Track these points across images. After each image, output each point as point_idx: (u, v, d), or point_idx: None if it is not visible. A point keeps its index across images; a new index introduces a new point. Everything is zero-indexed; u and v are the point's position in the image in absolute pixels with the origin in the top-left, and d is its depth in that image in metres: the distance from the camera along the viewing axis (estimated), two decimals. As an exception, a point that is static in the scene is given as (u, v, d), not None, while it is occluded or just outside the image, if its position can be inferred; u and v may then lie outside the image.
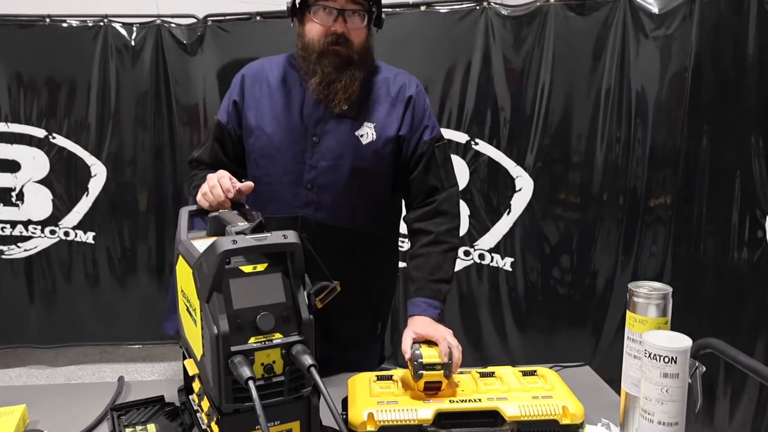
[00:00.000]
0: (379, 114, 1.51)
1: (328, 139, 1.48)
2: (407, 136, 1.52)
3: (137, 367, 3.47)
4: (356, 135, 1.49)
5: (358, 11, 1.44)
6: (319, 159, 1.48)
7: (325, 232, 1.49)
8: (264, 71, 1.56)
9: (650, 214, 2.53)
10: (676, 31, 2.40)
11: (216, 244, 0.89)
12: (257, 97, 1.53)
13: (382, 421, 1.11)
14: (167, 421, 1.19)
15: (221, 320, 0.88)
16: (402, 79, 1.56)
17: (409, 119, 1.52)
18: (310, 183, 1.49)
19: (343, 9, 1.42)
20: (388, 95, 1.53)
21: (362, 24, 1.46)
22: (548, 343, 2.79)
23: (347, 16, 1.43)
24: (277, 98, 1.52)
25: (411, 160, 1.53)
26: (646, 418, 0.97)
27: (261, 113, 1.52)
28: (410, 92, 1.53)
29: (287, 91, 1.52)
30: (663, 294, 1.02)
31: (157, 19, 3.11)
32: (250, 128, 1.53)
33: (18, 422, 1.16)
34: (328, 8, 1.42)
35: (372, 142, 1.49)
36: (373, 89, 1.53)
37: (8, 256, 3.27)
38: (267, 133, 1.50)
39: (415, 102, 1.53)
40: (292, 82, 1.53)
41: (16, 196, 3.22)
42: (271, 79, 1.55)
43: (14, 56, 3.10)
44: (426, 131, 1.54)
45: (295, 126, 1.50)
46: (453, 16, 2.73)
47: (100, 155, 3.21)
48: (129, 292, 3.35)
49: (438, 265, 1.49)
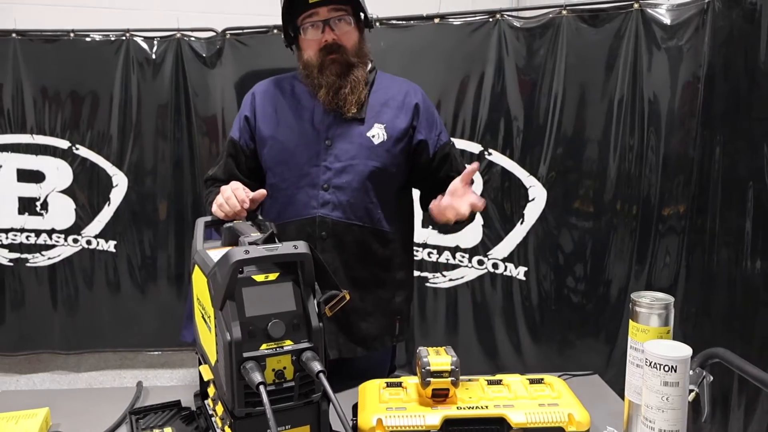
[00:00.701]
0: (387, 116, 1.58)
1: (340, 141, 1.55)
2: (426, 140, 1.61)
3: (156, 373, 3.51)
4: (368, 136, 1.56)
5: (342, 17, 1.52)
6: (333, 160, 1.55)
7: (342, 230, 1.55)
8: (273, 87, 1.64)
9: (664, 223, 2.52)
10: (689, 41, 2.41)
11: (229, 254, 0.92)
12: (269, 110, 1.61)
13: (390, 427, 1.13)
14: (183, 425, 1.23)
15: (234, 327, 0.91)
16: (405, 87, 1.64)
17: (423, 125, 1.61)
18: (326, 183, 1.55)
19: (327, 18, 1.51)
20: (395, 99, 1.60)
21: (350, 27, 1.54)
22: (562, 353, 2.79)
23: (333, 24, 1.51)
24: (288, 109, 1.59)
25: (434, 161, 1.62)
26: (647, 425, 0.99)
27: (273, 123, 1.59)
28: (416, 100, 1.61)
29: (297, 101, 1.60)
30: (665, 304, 1.04)
31: (177, 33, 3.17)
32: (263, 139, 1.59)
33: (41, 424, 1.20)
34: (314, 23, 1.51)
35: (383, 142, 1.56)
36: (379, 94, 1.61)
37: (32, 264, 3.33)
38: (281, 141, 1.57)
39: (423, 109, 1.61)
40: (301, 93, 1.60)
41: (41, 205, 3.28)
42: (280, 92, 1.62)
43: (39, 70, 3.17)
44: (442, 134, 1.64)
45: (307, 132, 1.57)
46: (466, 29, 2.76)
47: (122, 166, 3.26)
48: (149, 300, 3.39)
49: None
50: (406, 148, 1.60)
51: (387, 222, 1.61)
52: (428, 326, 2.99)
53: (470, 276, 2.90)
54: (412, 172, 1.65)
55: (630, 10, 2.49)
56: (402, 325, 1.71)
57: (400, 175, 1.63)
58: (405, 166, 1.63)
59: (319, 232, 1.54)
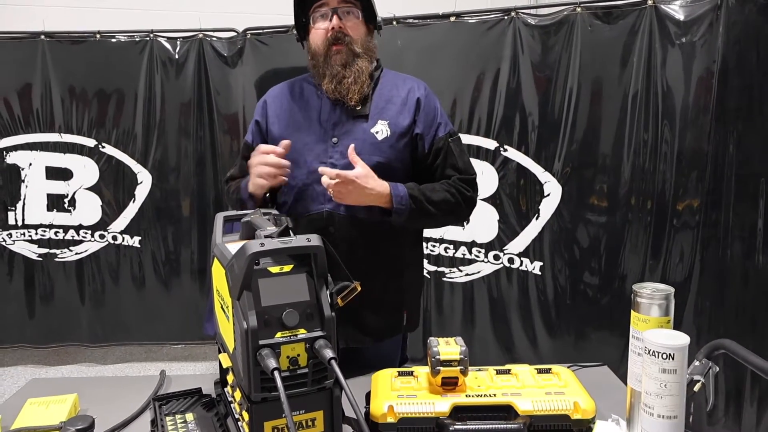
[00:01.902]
0: (390, 112, 1.62)
1: (346, 139, 1.59)
2: (422, 134, 1.63)
3: (180, 366, 3.58)
4: (372, 132, 1.60)
5: (350, 9, 1.59)
6: (339, 157, 1.59)
7: (349, 225, 1.59)
8: (282, 91, 1.72)
9: (678, 218, 2.53)
10: (702, 37, 2.41)
11: (246, 246, 0.95)
12: (278, 113, 1.68)
13: (401, 413, 1.16)
14: (204, 411, 1.27)
15: (251, 316, 0.94)
16: (410, 83, 1.68)
17: (422, 119, 1.64)
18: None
19: (336, 8, 1.57)
20: (399, 96, 1.65)
21: (357, 20, 1.60)
22: (577, 346, 2.80)
23: (341, 13, 1.57)
24: (296, 110, 1.66)
25: (429, 155, 1.64)
26: (646, 411, 1.02)
27: (283, 125, 1.66)
28: (418, 95, 1.65)
29: (305, 102, 1.66)
30: (665, 294, 1.07)
31: (199, 33, 3.23)
32: (274, 140, 1.64)
33: (70, 409, 1.26)
34: (324, 12, 1.58)
35: (387, 138, 1.60)
36: (384, 91, 1.65)
37: (61, 259, 3.43)
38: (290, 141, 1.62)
39: (424, 103, 1.65)
40: (309, 94, 1.67)
41: (69, 202, 3.37)
42: (290, 95, 1.69)
43: (67, 71, 3.26)
44: (440, 128, 1.66)
45: (315, 131, 1.62)
46: (481, 27, 2.78)
47: (146, 163, 3.34)
48: (172, 294, 3.47)
49: (431, 188, 1.60)
50: (409, 144, 1.64)
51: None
52: (445, 320, 3.03)
53: (486, 270, 2.93)
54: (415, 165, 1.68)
55: (644, 7, 2.50)
56: (410, 317, 1.74)
57: (405, 170, 1.66)
58: (409, 162, 1.66)
59: (327, 226, 1.59)
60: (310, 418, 1.03)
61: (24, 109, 3.29)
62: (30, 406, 1.28)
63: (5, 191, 3.36)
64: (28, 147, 3.32)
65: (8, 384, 3.40)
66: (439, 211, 1.59)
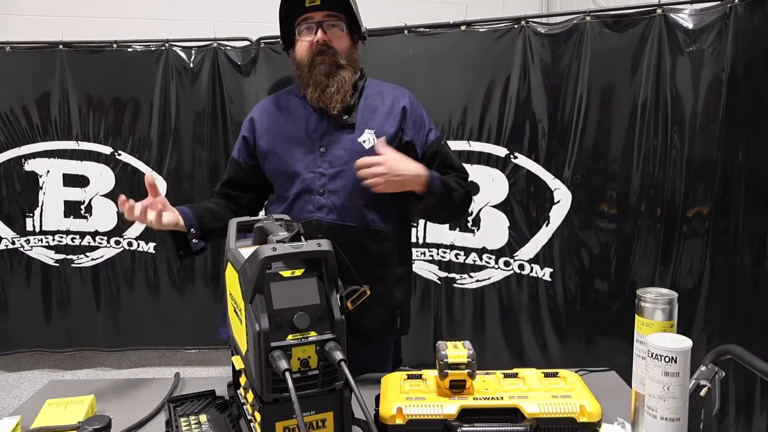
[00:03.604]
0: (376, 121, 1.66)
1: (334, 148, 1.63)
2: (413, 141, 1.68)
3: (193, 370, 3.61)
4: (359, 141, 1.64)
5: (335, 21, 1.62)
6: (328, 167, 1.63)
7: (338, 232, 1.62)
8: (268, 106, 1.75)
9: (688, 225, 2.52)
10: (711, 45, 2.41)
11: (258, 251, 0.98)
12: (266, 127, 1.71)
13: (410, 415, 1.18)
14: (217, 413, 1.30)
15: (263, 319, 0.97)
16: (394, 92, 1.72)
17: (410, 127, 1.68)
18: (321, 189, 1.63)
19: (321, 21, 1.60)
20: (383, 105, 1.68)
21: (342, 33, 1.63)
22: (587, 353, 2.80)
23: (326, 26, 1.61)
24: (283, 123, 1.69)
25: (423, 159, 1.68)
26: (650, 414, 1.04)
27: (270, 139, 1.69)
28: (404, 103, 1.69)
29: (291, 115, 1.69)
30: (669, 299, 1.09)
31: (213, 43, 3.27)
32: (264, 154, 1.70)
33: (87, 409, 1.30)
34: (309, 25, 1.61)
35: (374, 147, 1.62)
36: (369, 100, 1.69)
37: (77, 264, 3.47)
38: (278, 154, 1.67)
39: (410, 111, 1.69)
40: (295, 107, 1.70)
41: (85, 208, 3.42)
42: (276, 108, 1.73)
43: (84, 80, 3.30)
44: (430, 133, 1.71)
45: (302, 142, 1.65)
46: (492, 35, 2.80)
47: (161, 170, 3.37)
48: (187, 300, 3.49)
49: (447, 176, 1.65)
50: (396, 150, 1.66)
51: (382, 222, 1.68)
52: (456, 326, 3.04)
53: (497, 277, 2.94)
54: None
55: (653, 15, 2.50)
56: (403, 319, 1.78)
57: None
58: None
59: (317, 234, 1.61)
60: (320, 419, 1.05)
61: (42, 117, 3.34)
62: (48, 406, 1.32)
63: (23, 198, 3.41)
64: (46, 154, 3.38)
65: (25, 387, 3.45)
66: (458, 200, 1.67)
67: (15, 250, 3.45)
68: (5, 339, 3.51)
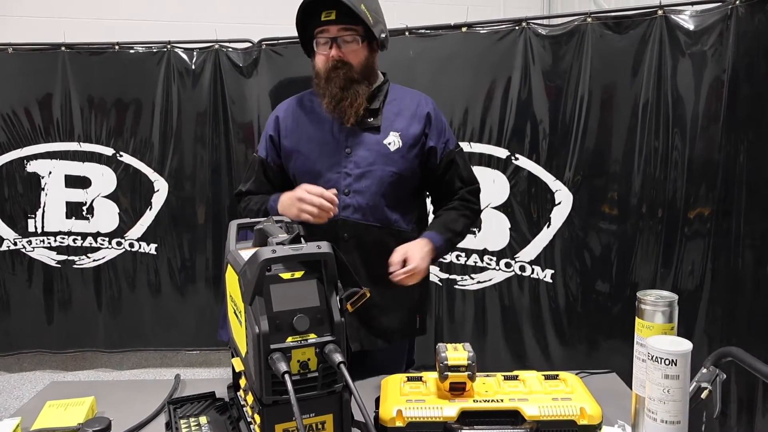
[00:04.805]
0: (401, 124, 1.68)
1: (359, 149, 1.65)
2: (435, 147, 1.71)
3: (194, 372, 3.61)
4: (385, 143, 1.66)
5: (350, 35, 1.62)
6: (353, 167, 1.65)
7: (362, 231, 1.65)
8: (293, 105, 1.77)
9: (689, 226, 2.52)
10: (712, 46, 2.41)
11: (258, 253, 0.98)
12: (291, 127, 1.72)
13: (410, 418, 1.18)
14: (217, 415, 1.30)
15: (262, 321, 0.97)
16: (417, 97, 1.75)
17: (434, 132, 1.71)
18: (346, 188, 1.65)
19: (336, 37, 1.61)
20: (408, 109, 1.70)
21: (358, 46, 1.63)
22: (589, 355, 2.80)
23: (341, 42, 1.61)
24: (308, 123, 1.71)
25: (440, 167, 1.72)
26: (650, 416, 1.04)
27: (296, 138, 1.71)
28: (428, 109, 1.72)
29: (316, 115, 1.71)
30: (669, 302, 1.09)
31: (215, 44, 3.28)
32: (288, 153, 1.71)
33: (87, 411, 1.30)
34: (325, 39, 1.62)
35: (399, 149, 1.66)
36: (394, 103, 1.71)
37: (79, 265, 3.47)
38: (304, 153, 1.69)
39: (434, 118, 1.72)
40: (319, 108, 1.71)
41: (87, 210, 3.42)
42: (301, 109, 1.74)
43: (86, 81, 3.31)
44: (449, 142, 1.74)
45: (327, 142, 1.67)
46: (493, 37, 2.80)
47: (163, 171, 3.38)
48: (188, 301, 3.49)
49: (453, 219, 1.71)
50: (419, 154, 1.70)
51: (404, 222, 1.71)
52: (456, 328, 3.04)
53: (498, 278, 2.94)
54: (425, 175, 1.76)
55: (654, 17, 2.50)
56: (422, 320, 1.81)
57: (415, 179, 1.73)
58: (419, 171, 1.73)
59: (342, 233, 1.64)
60: (319, 421, 1.05)
61: (44, 118, 3.35)
62: (49, 408, 1.32)
63: (25, 199, 3.42)
64: (48, 156, 3.38)
65: (27, 388, 3.45)
66: (463, 235, 1.74)
67: (17, 251, 3.45)
68: (6, 340, 3.51)
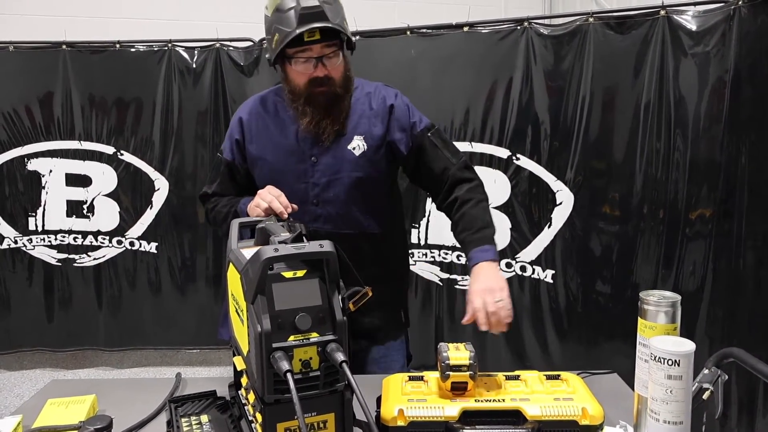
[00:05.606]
0: (365, 126, 1.62)
1: (324, 157, 1.61)
2: (398, 138, 1.64)
3: (195, 370, 3.61)
4: (349, 149, 1.61)
5: (333, 52, 1.53)
6: (320, 176, 1.61)
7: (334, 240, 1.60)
8: (256, 107, 1.69)
9: (691, 227, 2.51)
10: (715, 47, 2.40)
11: (260, 252, 0.98)
12: (255, 131, 1.66)
13: (411, 417, 1.18)
14: (218, 413, 1.29)
15: (264, 320, 0.96)
16: (382, 92, 1.67)
17: (395, 124, 1.64)
18: (315, 199, 1.62)
19: (321, 56, 1.52)
20: (371, 108, 1.64)
21: (339, 60, 1.56)
22: (589, 355, 2.79)
23: (326, 60, 1.53)
24: (273, 129, 1.65)
25: (410, 155, 1.65)
26: (653, 417, 1.04)
27: (261, 145, 1.65)
28: (390, 101, 1.65)
29: (281, 121, 1.65)
30: (672, 302, 1.09)
31: (216, 43, 3.28)
32: (253, 160, 1.66)
33: (89, 409, 1.29)
34: (307, 58, 1.52)
35: (364, 152, 1.61)
36: (357, 105, 1.64)
37: (79, 264, 3.48)
38: (269, 162, 1.64)
39: (395, 108, 1.64)
40: (284, 113, 1.64)
41: (87, 208, 3.43)
42: (265, 113, 1.67)
43: (87, 80, 3.32)
44: (415, 126, 1.65)
45: (293, 150, 1.62)
46: (494, 37, 2.80)
47: (163, 170, 3.39)
48: (188, 300, 3.50)
49: (475, 217, 1.60)
50: (385, 153, 1.65)
51: (377, 225, 1.67)
52: (457, 328, 3.04)
53: (498, 279, 2.93)
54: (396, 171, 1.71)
55: (656, 17, 2.50)
56: (405, 314, 1.80)
57: (385, 178, 1.69)
58: (388, 170, 1.68)
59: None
60: (321, 420, 1.05)
61: (45, 117, 3.35)
62: (50, 406, 1.32)
63: (26, 197, 3.42)
64: (48, 154, 3.39)
65: (27, 387, 3.45)
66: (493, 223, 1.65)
67: (17, 249, 3.46)
68: (7, 338, 3.52)
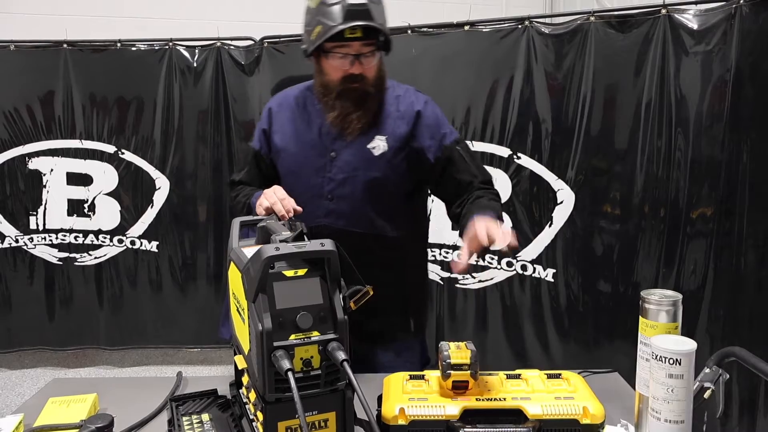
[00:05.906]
0: (389, 127, 1.62)
1: (344, 154, 1.61)
2: (425, 147, 1.62)
3: (195, 369, 3.62)
4: (368, 148, 1.60)
5: (371, 51, 1.54)
6: (337, 172, 1.61)
7: (345, 238, 1.58)
8: (287, 100, 1.71)
9: (692, 226, 2.51)
10: (716, 46, 2.40)
11: (261, 250, 0.98)
12: (282, 122, 1.68)
13: (412, 416, 1.17)
14: (219, 412, 1.29)
15: (265, 318, 0.97)
16: (410, 97, 1.66)
17: (425, 131, 1.63)
18: (330, 194, 1.61)
19: (359, 53, 1.52)
20: (398, 110, 1.63)
21: (375, 59, 1.56)
22: (590, 354, 2.79)
23: (363, 58, 1.53)
24: (299, 121, 1.66)
25: (437, 165, 1.63)
26: (654, 416, 1.04)
27: (285, 136, 1.67)
28: (418, 107, 1.63)
29: (307, 114, 1.66)
30: (673, 301, 1.09)
31: (217, 42, 3.29)
32: (277, 150, 1.68)
33: (90, 408, 1.29)
34: (345, 54, 1.52)
35: (384, 153, 1.60)
36: (384, 105, 1.64)
37: (80, 263, 3.48)
38: (291, 153, 1.65)
39: (424, 115, 1.63)
40: (312, 107, 1.66)
41: (88, 207, 3.43)
42: (294, 105, 1.69)
43: (88, 78, 3.32)
44: (445, 137, 1.64)
45: (315, 144, 1.63)
46: (496, 35, 2.80)
47: (164, 169, 3.39)
48: (189, 298, 3.51)
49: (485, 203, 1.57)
50: (407, 158, 1.63)
51: (392, 228, 1.65)
52: (458, 326, 3.04)
53: (499, 277, 2.94)
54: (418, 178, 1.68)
55: (658, 16, 2.49)
56: (417, 323, 1.77)
57: (405, 182, 1.67)
58: (408, 174, 1.65)
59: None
60: (322, 418, 1.05)
61: (46, 116, 3.36)
62: (51, 404, 1.32)
63: (27, 196, 3.42)
64: (49, 153, 3.39)
65: (28, 385, 3.46)
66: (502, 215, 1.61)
67: (18, 248, 3.46)
68: (8, 337, 3.53)
